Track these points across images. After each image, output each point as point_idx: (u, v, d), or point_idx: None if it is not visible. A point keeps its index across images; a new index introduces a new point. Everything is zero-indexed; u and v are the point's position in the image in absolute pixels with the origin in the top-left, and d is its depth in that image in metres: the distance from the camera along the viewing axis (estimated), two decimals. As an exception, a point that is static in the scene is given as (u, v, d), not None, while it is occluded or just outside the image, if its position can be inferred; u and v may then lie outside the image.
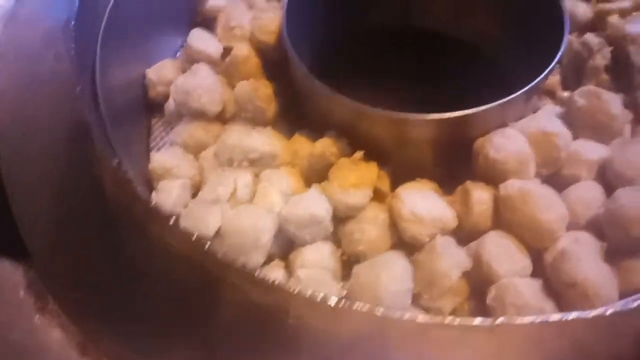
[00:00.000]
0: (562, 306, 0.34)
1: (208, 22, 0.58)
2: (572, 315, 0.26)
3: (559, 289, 0.34)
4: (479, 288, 0.37)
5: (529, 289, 0.34)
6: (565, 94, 0.47)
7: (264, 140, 0.42)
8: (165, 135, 0.52)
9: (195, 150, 0.47)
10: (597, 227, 0.37)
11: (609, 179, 0.39)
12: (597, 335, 0.26)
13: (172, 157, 0.45)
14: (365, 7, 0.57)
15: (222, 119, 0.48)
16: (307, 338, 0.28)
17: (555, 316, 0.26)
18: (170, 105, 0.49)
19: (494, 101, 0.51)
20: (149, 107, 0.53)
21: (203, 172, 0.45)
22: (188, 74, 0.47)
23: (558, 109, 0.46)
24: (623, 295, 0.33)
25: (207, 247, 0.29)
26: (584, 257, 0.34)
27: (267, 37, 0.47)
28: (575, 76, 0.47)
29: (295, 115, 0.46)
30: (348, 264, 0.40)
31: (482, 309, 0.36)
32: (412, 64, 0.57)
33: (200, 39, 0.50)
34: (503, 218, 0.38)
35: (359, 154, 0.40)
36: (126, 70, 0.51)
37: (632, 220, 0.35)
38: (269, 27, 0.47)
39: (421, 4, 0.57)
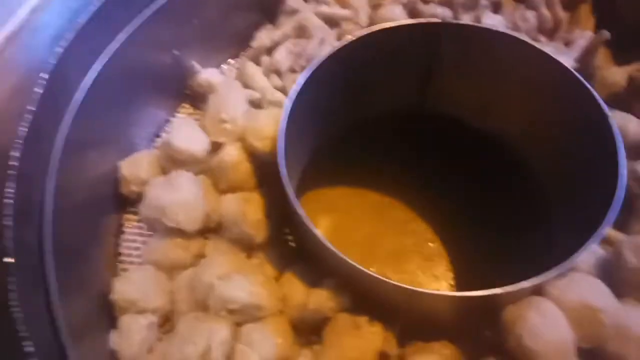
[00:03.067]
0: None
1: (198, 98, 0.52)
2: None
3: None
4: None
5: None
6: (613, 232, 0.41)
7: (246, 288, 0.35)
8: (139, 237, 0.46)
9: (169, 270, 0.41)
10: None
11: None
12: None
13: (139, 285, 0.39)
14: (377, 94, 0.50)
15: (205, 230, 0.42)
16: None
17: None
18: (143, 215, 0.42)
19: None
20: (121, 202, 0.46)
21: (175, 304, 0.39)
22: (164, 184, 0.40)
23: (601, 254, 0.39)
24: None
25: None
26: None
27: (261, 143, 0.41)
28: (624, 211, 0.41)
29: (288, 240, 0.40)
30: None
31: None
32: (425, 154, 0.51)
33: (183, 133, 0.43)
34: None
35: (363, 319, 0.34)
36: (98, 156, 0.45)
37: None
38: (264, 132, 0.41)
39: (440, 89, 0.50)
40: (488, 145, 0.50)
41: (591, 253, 0.40)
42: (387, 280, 0.31)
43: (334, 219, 0.52)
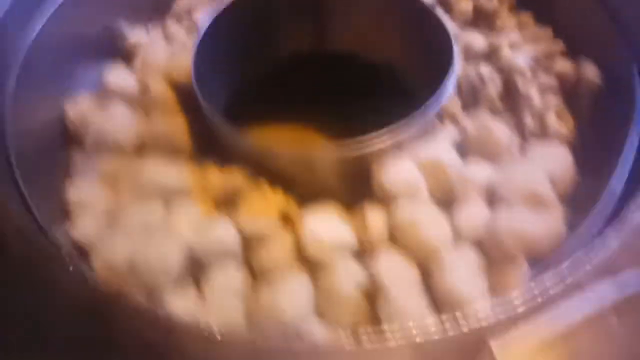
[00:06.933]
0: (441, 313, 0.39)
1: (129, 57, 0.63)
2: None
3: (438, 297, 0.39)
4: (375, 300, 0.42)
5: (413, 300, 0.39)
6: (464, 117, 0.54)
7: (174, 173, 0.46)
8: (85, 168, 0.56)
9: (112, 183, 0.51)
10: (480, 241, 0.43)
11: (493, 200, 0.45)
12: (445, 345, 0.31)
13: (89, 189, 0.49)
14: (277, 38, 0.62)
15: (139, 152, 0.52)
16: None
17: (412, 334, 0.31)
18: (88, 140, 0.53)
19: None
20: (69, 142, 0.57)
21: (119, 205, 0.49)
22: (104, 112, 0.51)
23: (456, 134, 0.52)
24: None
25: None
26: (460, 271, 0.40)
27: (181, 75, 0.52)
28: (472, 103, 0.54)
29: (209, 147, 0.51)
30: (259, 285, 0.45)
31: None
32: (326, 88, 0.62)
33: (117, 76, 0.55)
34: (395, 237, 0.43)
35: (264, 183, 0.45)
36: (44, 106, 0.55)
37: (505, 237, 0.41)
38: (182, 66, 0.52)
39: (335, 27, 0.63)
40: (384, 77, 0.62)
41: (446, 135, 0.52)
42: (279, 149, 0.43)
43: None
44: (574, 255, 0.33)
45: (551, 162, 0.48)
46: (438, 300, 0.40)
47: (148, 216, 0.45)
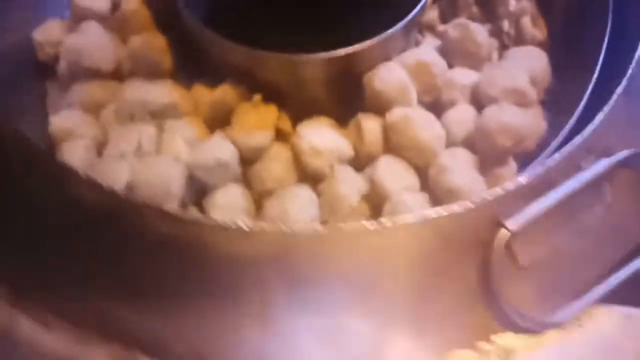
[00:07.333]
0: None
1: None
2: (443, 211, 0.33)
3: (440, 198, 0.41)
4: (377, 207, 0.43)
5: (416, 202, 0.41)
6: (443, 27, 0.54)
7: (162, 92, 0.46)
8: (62, 97, 0.53)
9: (94, 110, 0.50)
10: (470, 143, 0.45)
11: (479, 100, 0.47)
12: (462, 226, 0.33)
13: (72, 118, 0.48)
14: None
15: (118, 76, 0.51)
16: (220, 263, 0.33)
17: (431, 212, 0.33)
18: (62, 66, 0.50)
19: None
20: (42, 70, 0.54)
21: (106, 131, 0.48)
22: (77, 33, 0.49)
23: (437, 42, 0.53)
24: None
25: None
26: (459, 169, 0.42)
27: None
28: (450, 11, 0.55)
29: (193, 66, 0.50)
30: (260, 203, 0.45)
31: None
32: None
33: (85, -5, 0.52)
34: (391, 143, 0.45)
35: (257, 97, 0.45)
36: (10, 35, 0.52)
37: (495, 132, 0.43)
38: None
39: None
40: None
41: (429, 43, 0.53)
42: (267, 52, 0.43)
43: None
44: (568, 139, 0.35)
45: (529, 63, 0.50)
46: (441, 201, 0.42)
47: (141, 140, 0.44)
